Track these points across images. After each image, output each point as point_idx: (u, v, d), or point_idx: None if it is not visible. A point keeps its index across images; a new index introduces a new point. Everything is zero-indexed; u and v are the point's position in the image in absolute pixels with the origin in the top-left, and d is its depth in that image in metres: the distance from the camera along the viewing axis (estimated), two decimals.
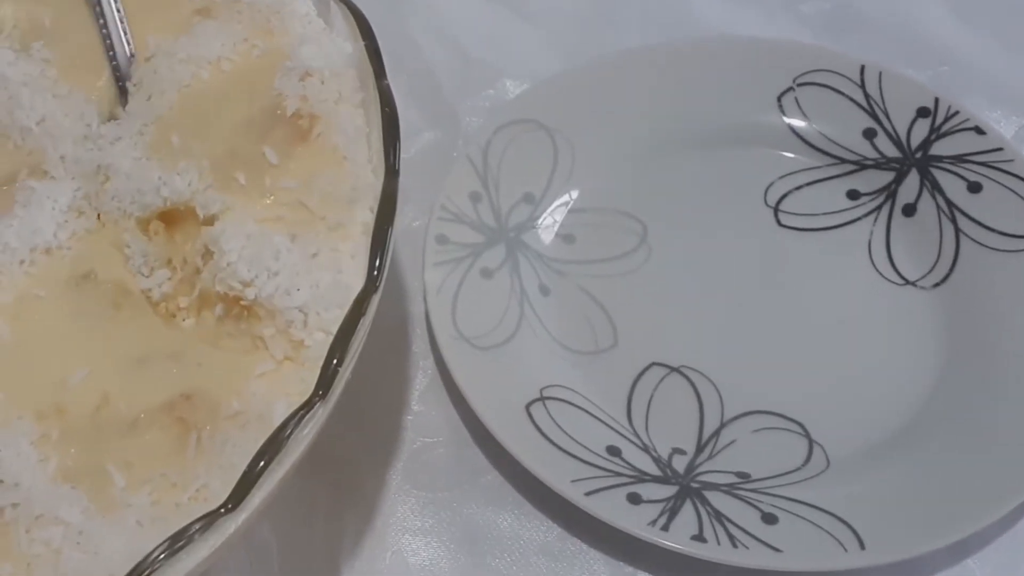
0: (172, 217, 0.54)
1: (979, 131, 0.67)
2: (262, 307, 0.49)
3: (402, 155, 0.52)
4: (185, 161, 0.53)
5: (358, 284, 0.48)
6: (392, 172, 0.50)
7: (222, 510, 0.43)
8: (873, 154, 0.69)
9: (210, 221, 0.52)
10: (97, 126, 0.57)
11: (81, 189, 0.55)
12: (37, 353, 0.51)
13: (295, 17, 0.58)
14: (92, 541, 0.46)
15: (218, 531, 0.43)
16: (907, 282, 0.65)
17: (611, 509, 0.56)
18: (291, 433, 0.44)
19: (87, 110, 0.57)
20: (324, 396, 0.45)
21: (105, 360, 0.51)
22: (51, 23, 0.61)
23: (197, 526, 0.42)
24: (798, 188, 0.69)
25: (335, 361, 0.46)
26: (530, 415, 0.59)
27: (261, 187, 0.52)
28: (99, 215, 0.55)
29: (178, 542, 0.42)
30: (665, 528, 0.55)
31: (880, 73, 0.70)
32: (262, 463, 0.43)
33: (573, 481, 0.56)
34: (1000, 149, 0.66)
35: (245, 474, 0.43)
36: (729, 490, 0.58)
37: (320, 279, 0.49)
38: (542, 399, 0.60)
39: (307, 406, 0.45)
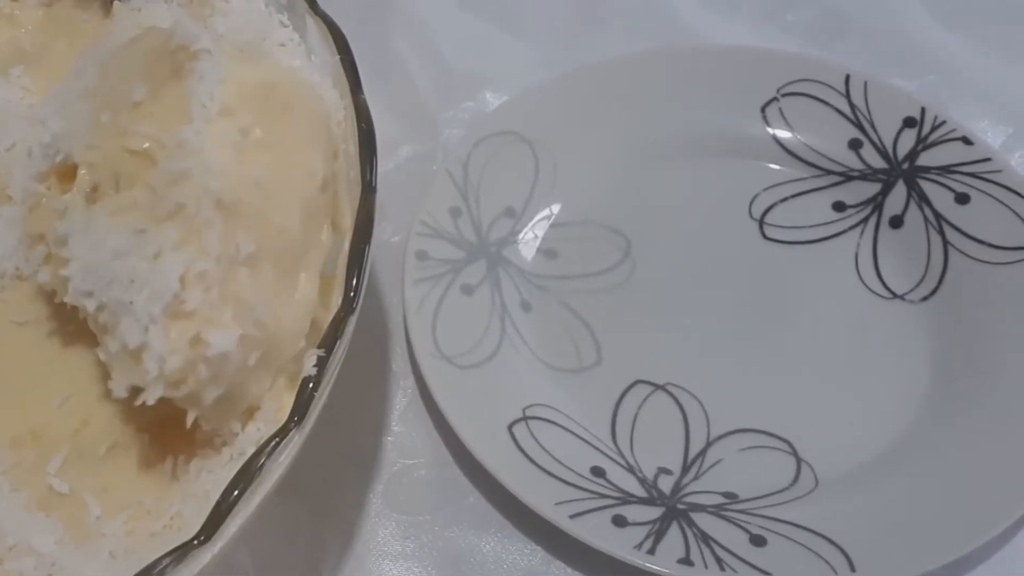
0: (66, 174, 0.50)
1: (967, 141, 0.66)
2: (102, 321, 0.46)
3: (381, 169, 0.51)
4: (84, 103, 0.49)
5: (202, 283, 0.45)
6: (368, 188, 0.49)
7: (195, 541, 0.42)
8: (859, 165, 0.68)
9: (72, 171, 0.48)
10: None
11: None
12: (14, 378, 0.50)
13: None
14: (63, 573, 0.46)
15: (192, 562, 0.42)
16: (895, 295, 0.64)
17: (596, 532, 0.55)
18: (264, 463, 0.43)
19: None
20: (299, 423, 0.44)
21: (86, 383, 0.50)
22: (31, 48, 0.60)
23: (167, 560, 0.41)
24: (783, 200, 0.68)
25: (311, 386, 0.45)
26: (513, 436, 0.58)
27: (117, 126, 0.47)
28: None
29: None
30: (651, 551, 0.54)
31: (865, 82, 0.69)
32: (235, 493, 0.42)
33: (557, 504, 0.55)
34: (988, 159, 0.65)
35: (218, 504, 0.42)
36: (716, 511, 0.57)
37: (157, 286, 0.44)
38: (525, 419, 0.59)
39: (281, 433, 0.44)
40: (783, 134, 0.70)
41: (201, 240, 0.45)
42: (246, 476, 0.42)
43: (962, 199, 0.65)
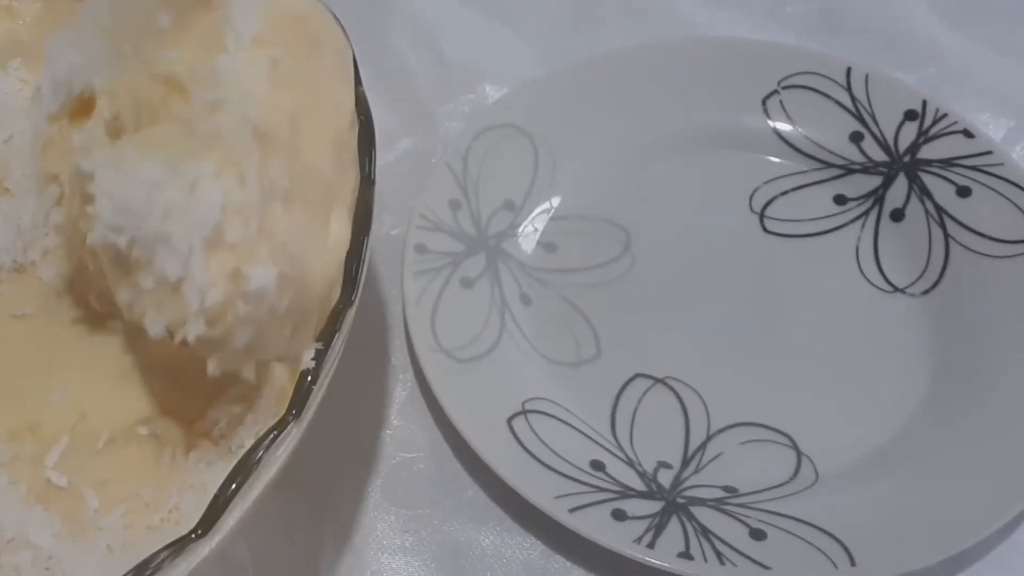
0: (79, 110, 0.48)
1: (968, 134, 0.66)
2: (135, 257, 0.44)
3: (380, 161, 0.51)
4: (99, 39, 0.47)
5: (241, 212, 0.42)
6: (367, 181, 0.49)
7: (193, 535, 0.42)
8: (860, 158, 0.68)
9: (89, 105, 0.47)
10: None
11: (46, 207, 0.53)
12: (12, 371, 0.50)
13: None
14: (60, 567, 0.46)
15: (190, 556, 0.42)
16: (896, 289, 0.64)
17: (596, 526, 0.54)
18: (262, 456, 0.42)
19: None
20: (297, 416, 0.44)
21: (85, 375, 0.50)
22: (29, 40, 0.59)
23: (165, 554, 0.41)
24: (784, 193, 0.68)
25: (309, 379, 0.45)
26: (512, 429, 0.58)
27: (141, 55, 0.45)
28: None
29: (145, 570, 0.40)
30: (651, 545, 0.54)
31: (867, 75, 0.69)
32: (233, 486, 0.42)
33: (556, 497, 0.55)
34: (989, 152, 0.65)
35: (215, 498, 0.42)
36: (716, 505, 0.56)
37: (196, 216, 0.42)
38: (524, 412, 0.59)
39: (280, 426, 0.43)
40: (784, 127, 0.69)
41: (239, 171, 0.43)
42: (244, 469, 0.42)
43: (963, 192, 0.65)
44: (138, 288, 0.44)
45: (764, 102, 0.70)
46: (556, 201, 0.68)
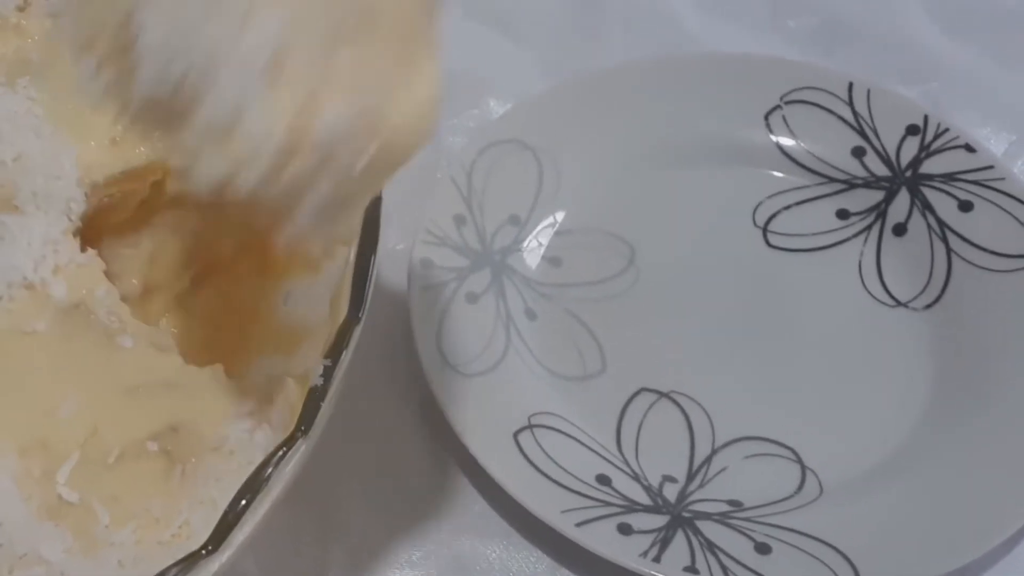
0: None
1: (969, 149, 0.66)
2: (187, 90, 0.38)
3: None
4: None
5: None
6: (374, 199, 0.49)
7: (203, 551, 0.42)
8: (862, 173, 0.68)
9: None
10: (73, 167, 0.53)
11: (55, 224, 0.53)
12: (23, 388, 0.50)
13: None
14: None
15: (200, 572, 0.42)
16: (898, 303, 0.64)
17: (602, 540, 0.55)
18: (272, 472, 0.43)
19: (66, 152, 0.54)
20: (306, 432, 0.44)
21: (96, 391, 0.50)
22: (38, 59, 0.59)
23: (175, 570, 0.41)
24: (787, 208, 0.68)
25: (317, 396, 0.45)
26: (518, 444, 0.58)
27: None
28: None
29: None
30: (657, 559, 0.54)
31: (868, 90, 0.69)
32: (243, 502, 0.42)
33: (563, 512, 0.55)
34: (991, 167, 0.65)
35: (225, 514, 0.42)
36: (721, 519, 0.57)
37: (251, 44, 0.37)
38: (530, 427, 0.59)
39: (289, 442, 0.44)
40: (786, 142, 0.70)
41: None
42: (254, 485, 0.42)
43: (965, 207, 0.65)
44: (190, 135, 0.38)
45: (767, 117, 0.70)
46: (560, 216, 0.68)
